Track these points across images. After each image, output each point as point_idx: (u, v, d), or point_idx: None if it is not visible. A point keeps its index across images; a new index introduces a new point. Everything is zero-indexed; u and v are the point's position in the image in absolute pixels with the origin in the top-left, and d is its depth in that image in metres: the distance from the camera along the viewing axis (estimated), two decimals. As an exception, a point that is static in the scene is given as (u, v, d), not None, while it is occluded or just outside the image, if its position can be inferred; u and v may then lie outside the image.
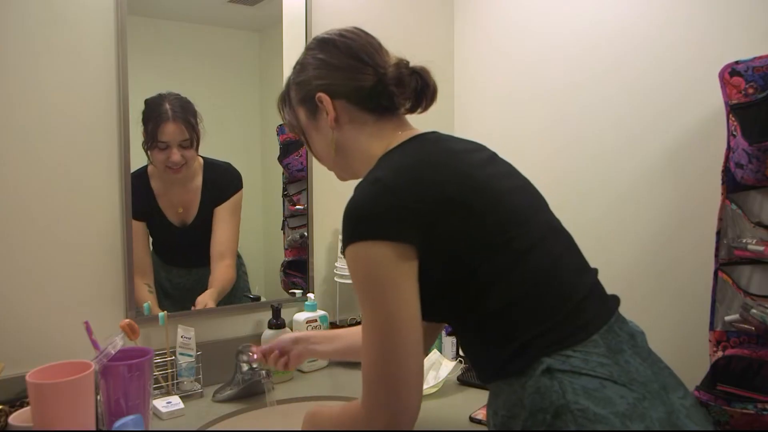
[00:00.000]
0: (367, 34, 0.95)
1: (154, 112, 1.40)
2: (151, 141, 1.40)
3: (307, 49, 0.97)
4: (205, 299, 1.50)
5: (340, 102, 0.92)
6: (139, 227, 1.41)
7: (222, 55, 1.58)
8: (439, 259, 0.80)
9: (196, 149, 1.46)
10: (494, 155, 0.94)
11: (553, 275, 0.81)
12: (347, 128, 0.93)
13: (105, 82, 1.35)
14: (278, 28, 1.63)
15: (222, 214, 1.54)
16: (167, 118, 1.41)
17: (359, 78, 0.91)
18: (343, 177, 1.04)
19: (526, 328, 0.78)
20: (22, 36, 1.25)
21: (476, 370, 0.88)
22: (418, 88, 0.91)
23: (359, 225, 0.79)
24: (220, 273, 1.54)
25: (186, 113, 1.43)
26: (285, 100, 1.01)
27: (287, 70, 1.06)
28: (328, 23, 1.70)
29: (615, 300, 0.87)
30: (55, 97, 1.29)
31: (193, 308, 1.49)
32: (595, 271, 0.90)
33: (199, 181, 1.52)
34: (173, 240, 1.52)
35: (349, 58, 0.91)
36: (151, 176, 1.46)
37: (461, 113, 1.95)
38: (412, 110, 0.95)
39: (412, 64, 0.93)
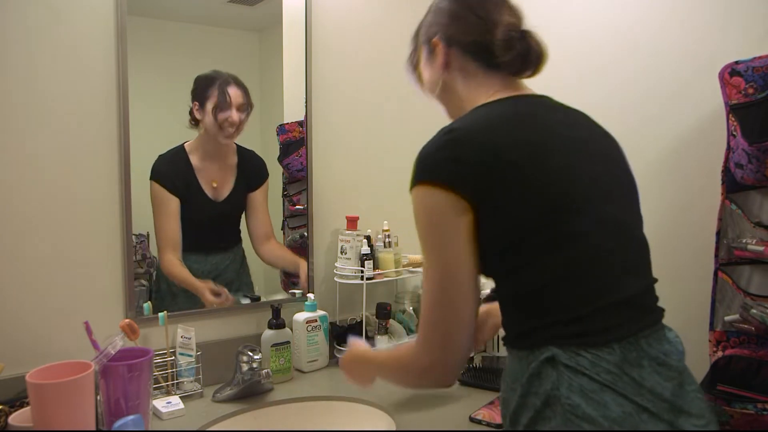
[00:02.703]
0: None
1: (216, 80, 1.51)
2: (222, 99, 1.50)
3: None
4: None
5: (453, 50, 0.95)
6: (173, 203, 1.47)
7: (222, 55, 1.58)
8: (486, 224, 0.80)
9: (247, 118, 1.55)
10: (591, 137, 0.90)
11: (591, 271, 0.79)
12: (456, 75, 0.95)
13: (105, 82, 1.35)
14: (278, 28, 1.63)
15: (258, 198, 1.62)
16: (231, 81, 1.53)
17: (471, 32, 0.93)
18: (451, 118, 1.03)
19: (546, 313, 0.77)
20: (22, 36, 1.25)
21: (502, 325, 0.89)
22: (524, 52, 0.91)
23: (423, 169, 0.82)
24: (282, 252, 1.68)
25: (243, 83, 1.55)
26: (414, 39, 1.05)
27: (287, 70, 1.06)
28: (328, 23, 1.70)
29: (657, 314, 0.84)
30: (54, 97, 1.29)
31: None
32: (652, 279, 0.87)
33: (234, 160, 1.59)
34: (203, 216, 1.55)
35: (467, 11, 0.94)
36: (189, 152, 1.52)
37: (461, 113, 1.95)
38: (517, 74, 0.94)
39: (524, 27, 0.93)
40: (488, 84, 0.93)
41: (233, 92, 1.52)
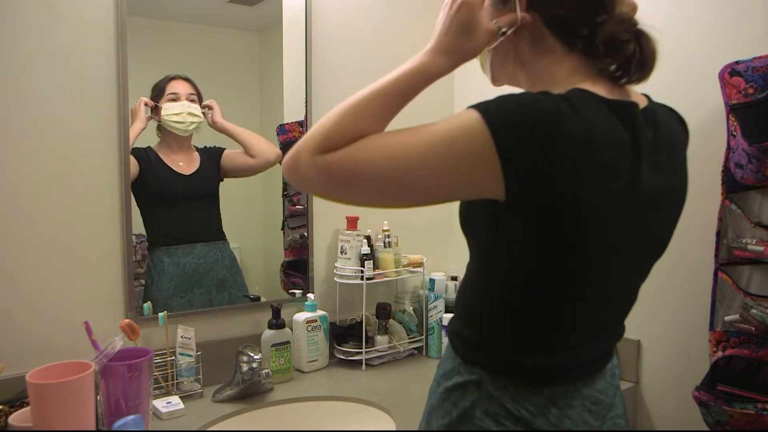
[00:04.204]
0: None
1: (162, 80, 1.50)
2: (160, 95, 1.48)
3: None
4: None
5: (533, 15, 0.74)
6: (132, 165, 1.44)
7: (222, 55, 1.58)
8: (513, 222, 0.68)
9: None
10: (669, 186, 0.76)
11: (583, 331, 0.75)
12: (526, 43, 0.77)
13: (105, 83, 1.35)
14: (278, 28, 1.63)
15: (228, 153, 1.61)
16: (175, 76, 1.51)
17: (568, 6, 0.72)
18: (497, 81, 0.85)
19: (513, 340, 0.73)
20: (22, 36, 1.25)
21: (457, 314, 0.82)
22: (634, 56, 0.71)
23: (500, 114, 0.65)
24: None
25: (188, 77, 1.53)
26: None
27: (287, 70, 1.06)
28: (328, 23, 1.70)
29: (608, 357, 0.80)
30: (54, 97, 1.29)
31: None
32: (623, 330, 0.82)
33: (195, 153, 1.58)
34: (174, 189, 1.54)
35: None
36: (155, 149, 1.51)
37: (461, 113, 1.95)
38: (616, 77, 0.73)
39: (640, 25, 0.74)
40: (569, 66, 0.74)
41: (179, 84, 1.50)
